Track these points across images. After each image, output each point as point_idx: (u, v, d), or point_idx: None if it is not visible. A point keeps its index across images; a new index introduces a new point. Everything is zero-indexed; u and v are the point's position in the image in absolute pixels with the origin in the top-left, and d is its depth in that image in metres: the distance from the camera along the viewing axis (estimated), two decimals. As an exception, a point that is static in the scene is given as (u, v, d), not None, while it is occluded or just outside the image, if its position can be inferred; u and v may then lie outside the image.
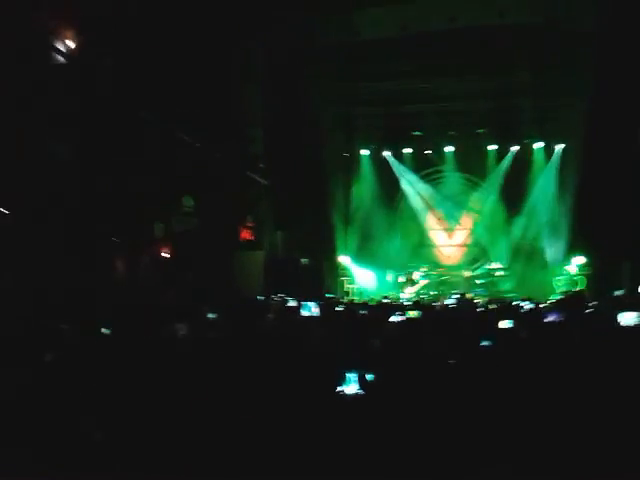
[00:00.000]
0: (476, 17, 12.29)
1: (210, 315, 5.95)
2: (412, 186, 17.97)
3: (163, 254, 11.16)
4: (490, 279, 16.89)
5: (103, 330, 4.90)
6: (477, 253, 17.92)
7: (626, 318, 4.11)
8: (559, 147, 16.59)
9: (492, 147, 17.17)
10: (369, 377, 3.19)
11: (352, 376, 3.19)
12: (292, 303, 6.62)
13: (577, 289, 14.87)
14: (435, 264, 17.78)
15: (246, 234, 14.07)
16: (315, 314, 5.76)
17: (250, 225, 14.16)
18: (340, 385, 3.19)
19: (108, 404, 3.14)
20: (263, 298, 11.01)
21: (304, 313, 5.83)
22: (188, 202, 11.72)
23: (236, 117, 13.18)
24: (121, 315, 5.81)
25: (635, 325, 3.99)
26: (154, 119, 10.36)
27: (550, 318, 5.30)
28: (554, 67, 13.75)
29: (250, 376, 3.29)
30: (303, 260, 14.78)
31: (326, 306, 7.02)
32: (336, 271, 16.92)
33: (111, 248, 9.56)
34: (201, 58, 11.42)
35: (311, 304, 6.11)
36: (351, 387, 3.20)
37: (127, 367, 3.68)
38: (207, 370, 3.63)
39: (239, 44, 12.92)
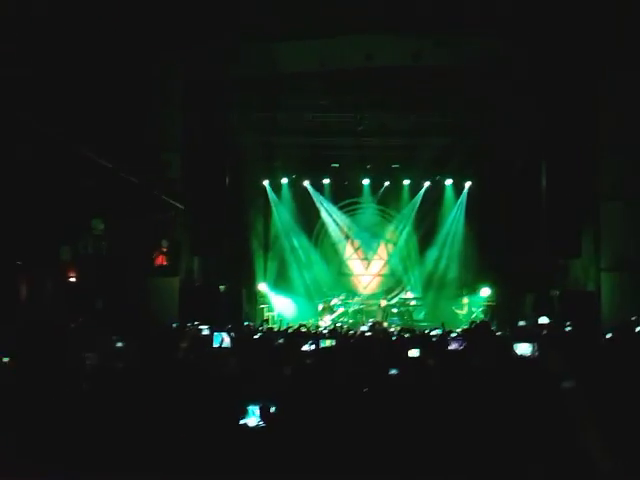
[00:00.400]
0: (391, 57, 12.84)
1: (119, 344, 5.74)
2: (331, 216, 18.32)
3: (70, 279, 10.66)
4: (404, 308, 17.41)
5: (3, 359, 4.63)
6: (393, 283, 18.45)
7: (521, 348, 4.36)
8: (468, 184, 17.55)
9: (406, 181, 17.88)
10: (272, 409, 3.18)
11: (254, 408, 3.17)
12: (206, 332, 6.49)
13: (483, 319, 15.56)
14: (352, 293, 18.12)
15: (161, 259, 13.72)
16: (226, 344, 5.69)
17: (165, 250, 13.83)
18: (243, 417, 3.17)
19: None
20: (176, 326, 10.74)
21: (215, 344, 5.74)
22: (98, 225, 11.30)
23: (153, 140, 12.97)
24: (23, 343, 5.50)
25: (530, 355, 4.23)
26: (63, 138, 9.98)
27: (453, 346, 5.53)
28: (465, 108, 14.58)
29: (156, 409, 3.20)
30: (221, 287, 14.57)
31: (240, 335, 6.95)
32: (255, 298, 16.83)
33: (13, 271, 9.04)
34: (117, 77, 11.19)
35: (223, 334, 6.02)
36: (252, 419, 3.18)
37: (28, 400, 3.49)
38: (112, 402, 3.50)
39: (159, 67, 12.80)
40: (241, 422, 3.20)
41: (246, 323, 13.47)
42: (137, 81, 12.17)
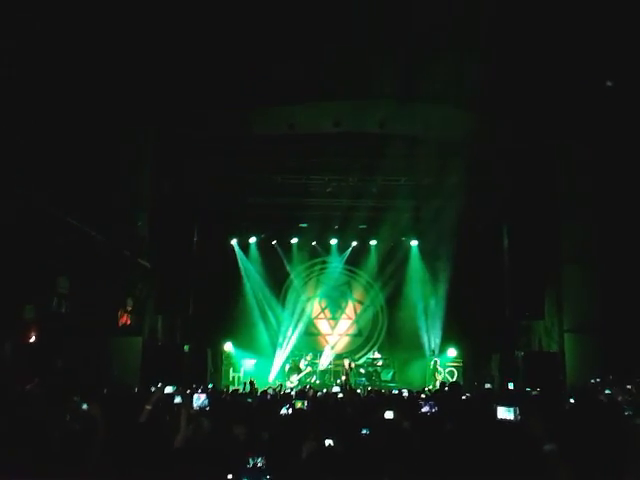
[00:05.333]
0: (358, 124, 13.28)
1: (84, 406, 5.54)
2: (298, 275, 18.34)
3: (31, 338, 10.31)
4: (372, 369, 17.30)
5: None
6: (360, 343, 18.38)
7: (503, 412, 4.36)
8: (433, 245, 17.89)
9: (373, 242, 18.14)
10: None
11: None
12: (177, 397, 6.30)
13: (452, 380, 15.56)
14: (320, 352, 17.93)
15: (125, 318, 13.42)
16: (204, 405, 5.54)
17: (130, 309, 13.56)
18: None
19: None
20: (140, 388, 10.42)
21: (195, 405, 5.58)
22: (63, 283, 11.06)
23: (121, 199, 12.94)
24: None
25: (512, 420, 4.25)
26: (32, 196, 9.89)
27: (425, 409, 5.50)
28: (429, 172, 15.06)
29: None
30: (185, 347, 14.27)
31: (217, 398, 6.78)
32: (220, 359, 16.50)
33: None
34: (88, 137, 11.24)
35: (200, 395, 5.88)
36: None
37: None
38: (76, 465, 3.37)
39: (130, 126, 12.92)
40: None
41: (210, 385, 13.15)
42: (108, 140, 12.24)
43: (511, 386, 11.95)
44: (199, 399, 5.79)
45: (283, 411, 5.33)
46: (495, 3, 9.92)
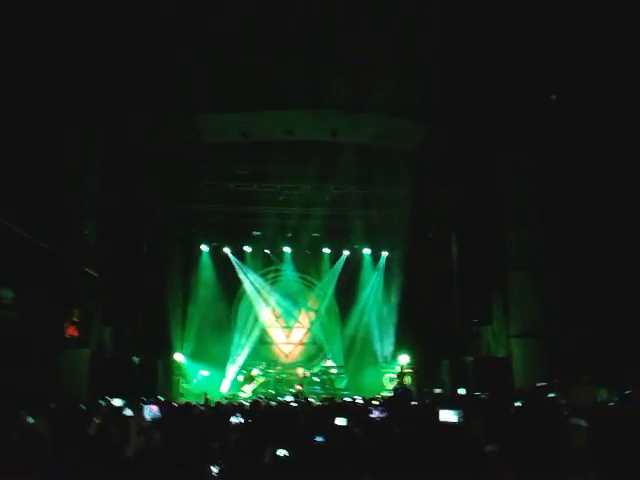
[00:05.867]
0: (310, 132, 13.39)
1: (30, 419, 5.35)
2: (252, 283, 18.25)
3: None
4: (326, 377, 17.34)
5: None
6: (314, 351, 18.43)
7: (445, 415, 4.46)
8: (385, 253, 18.16)
9: (326, 250, 18.25)
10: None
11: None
12: (127, 410, 6.13)
13: (403, 386, 15.74)
14: (273, 362, 17.87)
15: (72, 330, 13.04)
16: (156, 416, 5.42)
17: (76, 320, 13.18)
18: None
19: None
20: (88, 401, 10.13)
21: (147, 416, 5.45)
22: (7, 294, 10.68)
23: (68, 206, 12.61)
24: None
25: (454, 422, 4.35)
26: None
27: (375, 414, 5.58)
28: (380, 181, 15.29)
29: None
30: (134, 358, 13.95)
31: (169, 408, 6.65)
32: (171, 370, 16.19)
33: None
34: (33, 141, 10.93)
35: (152, 406, 5.75)
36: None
37: None
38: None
39: (77, 132, 12.62)
40: None
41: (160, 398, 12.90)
42: (53, 146, 11.92)
43: (462, 391, 12.17)
44: (151, 411, 5.68)
45: (233, 420, 5.29)
46: (440, 17, 10.24)
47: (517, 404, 7.14)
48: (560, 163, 12.28)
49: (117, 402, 7.47)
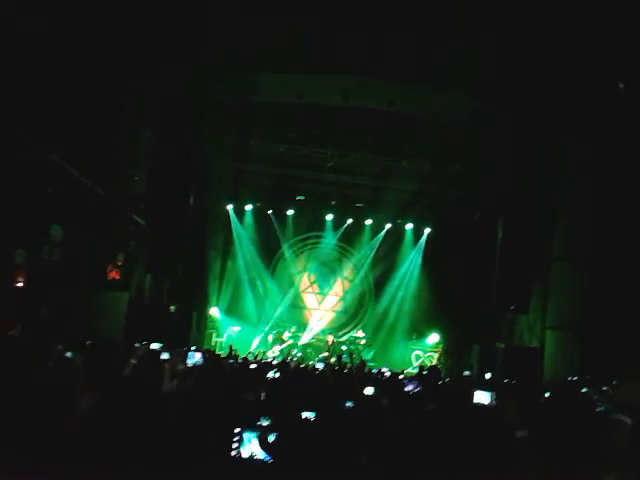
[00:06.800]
0: (365, 100, 13.19)
1: (68, 354, 5.56)
2: (290, 247, 18.37)
3: (18, 283, 10.31)
4: (354, 347, 17.46)
5: None
6: (344, 320, 18.52)
7: (480, 397, 4.45)
8: (427, 230, 17.97)
9: (368, 221, 18.17)
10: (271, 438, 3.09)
11: (249, 437, 3.05)
12: (164, 354, 6.33)
13: (432, 364, 15.75)
14: (304, 326, 18.06)
15: (114, 273, 13.42)
16: (198, 362, 5.60)
17: (120, 264, 13.55)
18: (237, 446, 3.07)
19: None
20: (123, 343, 10.48)
21: (189, 362, 5.64)
22: (56, 231, 11.03)
23: (121, 153, 12.85)
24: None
25: (488, 404, 4.34)
26: (30, 140, 9.79)
27: (409, 387, 5.61)
28: (431, 157, 15.04)
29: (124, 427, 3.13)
30: (171, 307, 14.31)
31: (211, 357, 6.85)
32: (204, 322, 16.58)
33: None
34: (92, 87, 11.12)
35: (196, 353, 5.95)
36: (247, 449, 3.07)
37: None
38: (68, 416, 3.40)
39: (135, 81, 12.77)
40: (235, 451, 3.10)
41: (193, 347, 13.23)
42: (111, 93, 12.10)
43: (488, 376, 12.11)
44: (194, 357, 5.88)
45: (270, 374, 5.40)
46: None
47: (546, 395, 7.07)
48: (617, 156, 11.85)
49: (154, 345, 7.70)
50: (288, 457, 2.96)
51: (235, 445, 3.09)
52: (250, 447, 3.12)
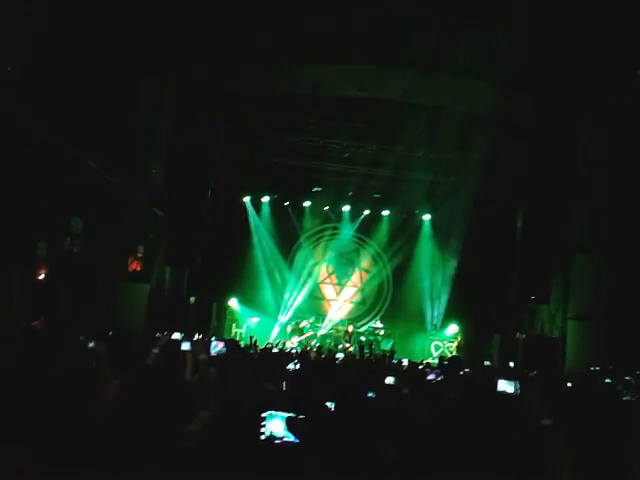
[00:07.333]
0: (382, 90, 13.10)
1: (91, 344, 5.63)
2: (308, 238, 18.39)
3: (40, 275, 10.46)
4: (373, 337, 17.46)
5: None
6: (363, 311, 18.52)
7: (504, 385, 4.44)
8: (446, 221, 17.83)
9: (386, 212, 18.09)
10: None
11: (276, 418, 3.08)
12: (185, 344, 6.41)
13: (453, 354, 15.70)
14: (322, 317, 18.10)
15: (135, 265, 13.56)
16: (222, 352, 5.66)
17: (140, 256, 13.68)
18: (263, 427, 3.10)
19: None
20: (144, 334, 10.58)
21: (212, 351, 5.71)
22: (77, 224, 11.16)
23: (140, 146, 12.94)
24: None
25: (512, 393, 4.32)
26: (52, 134, 9.88)
27: (430, 377, 5.61)
28: (449, 147, 14.91)
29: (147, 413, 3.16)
30: (191, 298, 14.42)
31: (234, 347, 6.92)
32: (224, 313, 16.69)
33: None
34: (112, 80, 11.19)
35: (219, 342, 6.03)
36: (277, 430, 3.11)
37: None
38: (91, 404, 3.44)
39: (154, 75, 12.83)
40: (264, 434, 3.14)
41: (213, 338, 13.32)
42: (131, 87, 12.18)
43: (511, 364, 12.05)
44: (217, 346, 5.95)
45: (290, 366, 5.43)
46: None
47: (568, 385, 7.00)
48: (635, 144, 11.66)
49: (176, 335, 7.77)
50: (316, 440, 2.98)
51: (260, 427, 3.13)
52: (272, 427, 3.17)
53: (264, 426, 3.17)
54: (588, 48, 10.73)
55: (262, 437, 3.16)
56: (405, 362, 9.49)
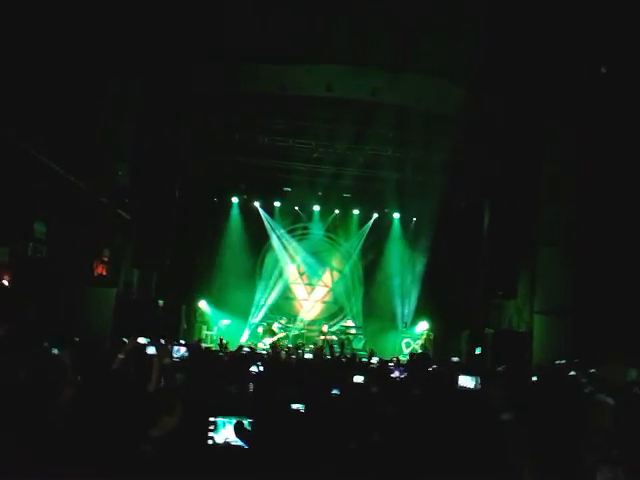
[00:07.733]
0: (350, 90, 13.14)
1: (54, 351, 5.51)
2: (278, 238, 18.35)
3: (3, 282, 10.22)
4: (344, 336, 17.51)
5: None
6: (335, 310, 18.56)
7: (464, 381, 4.50)
8: (414, 219, 18.01)
9: (356, 211, 18.17)
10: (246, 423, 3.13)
11: (224, 422, 3.08)
12: (151, 348, 6.31)
13: (421, 351, 15.84)
14: (294, 317, 18.08)
15: (100, 269, 13.34)
16: (184, 356, 5.59)
17: (106, 260, 13.46)
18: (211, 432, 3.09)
19: None
20: (111, 339, 10.41)
21: (175, 355, 5.63)
22: (40, 228, 10.94)
23: (103, 148, 12.75)
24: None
25: (472, 388, 4.38)
26: (13, 137, 9.66)
27: (395, 374, 5.65)
28: (418, 146, 15.04)
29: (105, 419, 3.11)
30: (159, 301, 14.24)
31: (195, 350, 6.85)
32: (194, 316, 16.52)
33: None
34: (75, 83, 11.00)
35: (181, 347, 5.95)
36: (222, 435, 3.10)
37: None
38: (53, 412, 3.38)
39: (117, 76, 12.65)
40: (210, 438, 3.12)
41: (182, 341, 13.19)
42: (94, 88, 11.99)
43: (478, 350, 12.20)
44: (179, 351, 5.86)
45: (253, 368, 5.41)
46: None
47: (534, 379, 7.12)
48: (601, 142, 11.92)
49: (141, 340, 7.65)
50: (264, 444, 2.98)
51: (209, 432, 3.12)
52: (224, 433, 3.15)
53: (213, 431, 3.16)
54: (553, 47, 10.92)
55: (209, 442, 3.15)
56: (375, 360, 9.52)
